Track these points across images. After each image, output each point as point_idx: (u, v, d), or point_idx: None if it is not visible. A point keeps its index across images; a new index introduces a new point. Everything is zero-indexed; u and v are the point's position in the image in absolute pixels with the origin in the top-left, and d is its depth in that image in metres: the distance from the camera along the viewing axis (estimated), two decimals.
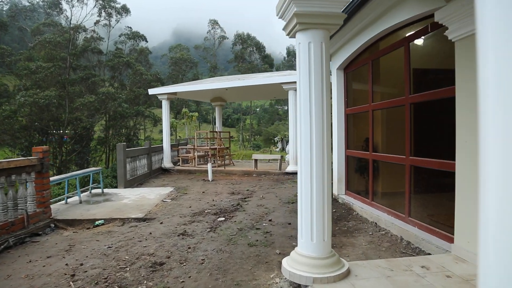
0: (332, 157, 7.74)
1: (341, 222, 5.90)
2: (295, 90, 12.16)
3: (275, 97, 20.94)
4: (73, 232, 6.10)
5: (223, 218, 6.32)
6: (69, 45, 36.36)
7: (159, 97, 14.86)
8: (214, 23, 76.10)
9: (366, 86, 6.54)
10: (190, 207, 7.49)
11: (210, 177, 11.78)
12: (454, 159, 3.87)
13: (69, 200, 8.63)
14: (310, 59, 3.12)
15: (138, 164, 12.04)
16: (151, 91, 15.12)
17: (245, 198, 8.27)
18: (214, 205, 7.60)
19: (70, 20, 39.94)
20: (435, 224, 4.39)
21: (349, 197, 7.09)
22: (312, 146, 3.09)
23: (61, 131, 32.19)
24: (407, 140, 4.91)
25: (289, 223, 5.87)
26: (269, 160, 16.44)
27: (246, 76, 17.69)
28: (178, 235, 5.33)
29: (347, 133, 7.33)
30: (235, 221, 6.11)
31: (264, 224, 5.89)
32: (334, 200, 7.44)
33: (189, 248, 4.71)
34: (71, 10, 41.56)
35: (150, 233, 5.56)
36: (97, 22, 50.35)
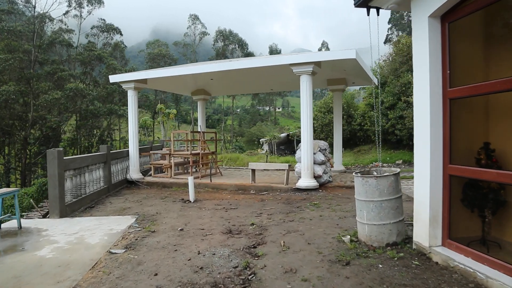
0: (415, 176, 4.34)
1: None
2: (310, 74, 8.75)
3: (272, 89, 17.36)
4: None
5: None
6: (34, 36, 32.07)
7: (124, 86, 11.17)
8: (195, 18, 72.35)
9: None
10: (156, 274, 3.92)
11: (191, 197, 8.20)
12: None
13: None
14: None
15: (87, 179, 8.32)
16: (113, 78, 11.37)
17: (254, 247, 4.75)
18: (201, 268, 4.06)
19: (34, 6, 35.49)
20: None
21: (458, 255, 3.70)
22: None
23: (25, 131, 28.27)
24: None
25: None
26: (263, 169, 12.26)
27: (239, 59, 14.15)
28: None
29: (450, 134, 3.95)
30: None
31: None
32: (421, 256, 4.04)
33: None
34: None
35: None
36: (66, 13, 45.86)
